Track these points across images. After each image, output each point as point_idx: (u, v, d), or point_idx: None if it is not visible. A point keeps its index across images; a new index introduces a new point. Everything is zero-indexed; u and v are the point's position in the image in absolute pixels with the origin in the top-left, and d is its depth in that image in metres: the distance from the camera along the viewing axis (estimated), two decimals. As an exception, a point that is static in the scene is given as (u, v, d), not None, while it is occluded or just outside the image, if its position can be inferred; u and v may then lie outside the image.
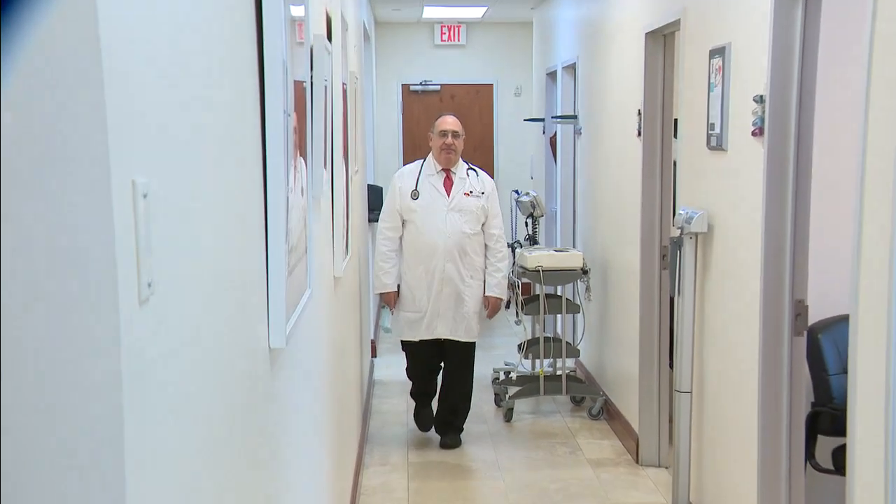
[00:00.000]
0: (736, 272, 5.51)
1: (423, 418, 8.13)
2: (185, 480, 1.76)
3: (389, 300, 7.74)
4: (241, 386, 2.36)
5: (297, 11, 3.23)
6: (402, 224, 7.68)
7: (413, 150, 14.80)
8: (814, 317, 5.20)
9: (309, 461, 3.91)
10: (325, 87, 4.26)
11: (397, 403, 9.24)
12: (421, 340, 7.83)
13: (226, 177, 2.18)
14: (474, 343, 7.90)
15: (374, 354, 10.76)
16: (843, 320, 4.63)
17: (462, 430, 7.87)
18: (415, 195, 7.54)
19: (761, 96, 5.00)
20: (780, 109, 4.92)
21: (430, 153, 7.80)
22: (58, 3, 1.24)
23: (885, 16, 3.73)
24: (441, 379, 8.06)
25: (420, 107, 15.01)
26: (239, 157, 2.35)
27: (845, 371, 4.28)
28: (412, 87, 15.07)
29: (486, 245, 7.71)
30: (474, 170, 7.85)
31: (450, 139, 7.58)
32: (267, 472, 2.77)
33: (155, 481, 1.53)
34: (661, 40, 7.36)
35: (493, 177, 8.24)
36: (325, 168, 4.29)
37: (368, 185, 10.36)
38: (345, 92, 5.91)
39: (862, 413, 4.00)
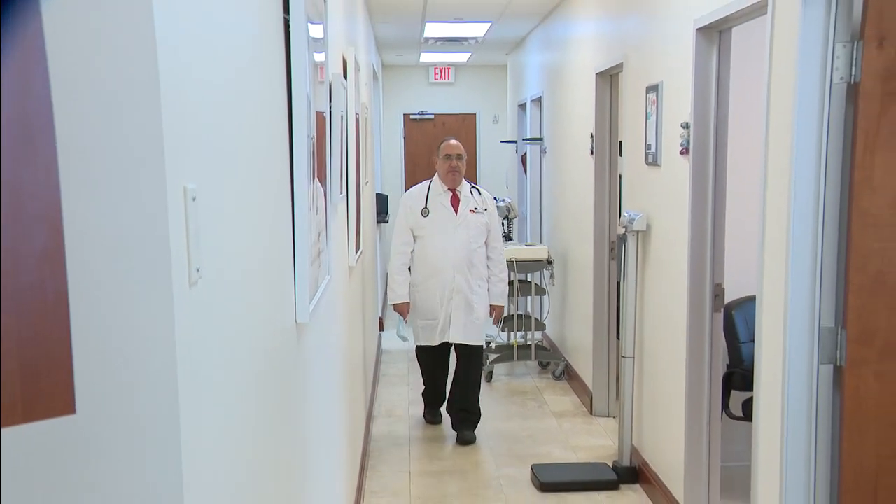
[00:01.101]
0: (668, 262, 5.52)
1: (432, 418, 7.52)
2: (230, 432, 1.76)
3: (403, 310, 7.01)
4: (274, 353, 2.34)
5: (318, 58, 3.25)
6: (413, 239, 6.99)
7: (412, 166, 14.88)
8: (729, 297, 5.21)
9: (329, 414, 3.89)
10: (342, 116, 4.27)
11: (401, 368, 9.27)
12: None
13: (260, 185, 2.17)
14: (482, 346, 7.28)
15: (381, 328, 10.76)
16: (751, 300, 4.66)
17: (476, 425, 7.12)
18: (425, 213, 6.89)
19: (687, 123, 5.01)
20: (701, 133, 4.94)
21: (437, 174, 7.05)
22: (123, 53, 1.26)
23: (778, 60, 3.76)
24: (453, 380, 7.25)
25: (418, 132, 15.06)
26: (270, 170, 2.34)
27: (753, 340, 4.31)
28: (412, 116, 15.08)
29: (488, 257, 7.02)
30: (477, 189, 7.16)
31: (455, 161, 6.94)
32: (297, 424, 2.75)
33: (205, 434, 1.52)
34: (608, 79, 7.41)
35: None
36: (341, 179, 4.31)
37: (377, 194, 10.34)
38: (357, 120, 5.93)
39: (765, 373, 4.04)
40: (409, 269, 7.04)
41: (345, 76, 4.77)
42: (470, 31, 11.12)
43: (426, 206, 6.91)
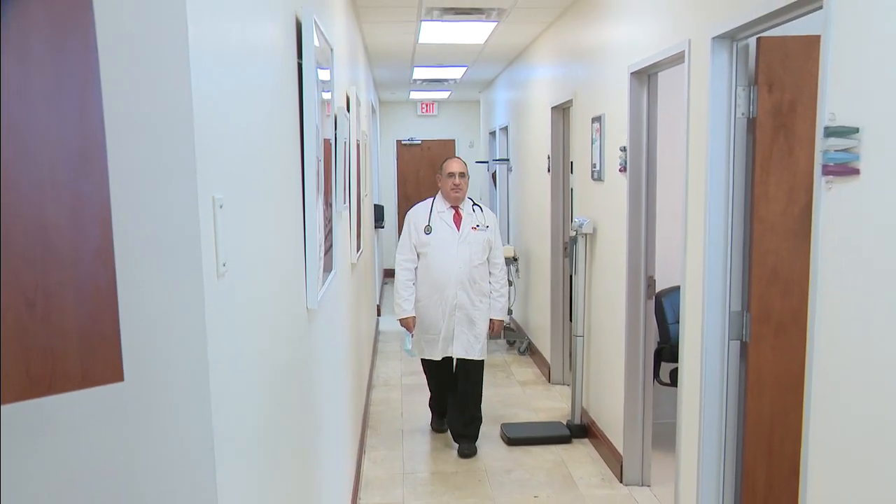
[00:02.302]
0: (610, 258, 5.53)
1: (439, 427, 6.40)
2: (251, 398, 1.75)
3: (408, 324, 5.89)
4: (288, 333, 2.33)
5: (326, 96, 3.25)
6: (418, 256, 5.90)
7: (403, 182, 14.90)
8: (659, 287, 5.23)
9: (336, 382, 3.89)
10: (345, 142, 4.27)
11: (395, 346, 9.22)
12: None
13: (276, 196, 2.16)
14: (483, 360, 6.03)
15: (378, 314, 10.73)
16: (676, 289, 4.69)
17: (476, 438, 6.02)
18: (428, 230, 5.82)
19: (624, 147, 5.02)
20: (636, 155, 4.96)
21: (440, 192, 6.00)
22: (165, 96, 1.27)
23: (694, 98, 3.78)
24: (454, 395, 6.09)
25: (408, 154, 15.05)
26: (285, 185, 2.33)
27: (677, 321, 4.32)
28: (403, 142, 15.04)
29: (489, 272, 5.92)
30: (479, 206, 6.06)
31: (457, 180, 5.88)
32: (309, 393, 2.74)
33: (230, 398, 1.51)
34: (561, 112, 7.40)
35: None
36: (345, 192, 4.31)
37: (375, 205, 10.33)
38: (358, 145, 5.93)
39: (688, 348, 4.06)
40: (415, 284, 5.98)
41: (348, 109, 4.76)
42: (450, 73, 11.12)
43: (429, 224, 5.86)
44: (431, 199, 6.04)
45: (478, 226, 5.87)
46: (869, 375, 2.46)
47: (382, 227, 11.71)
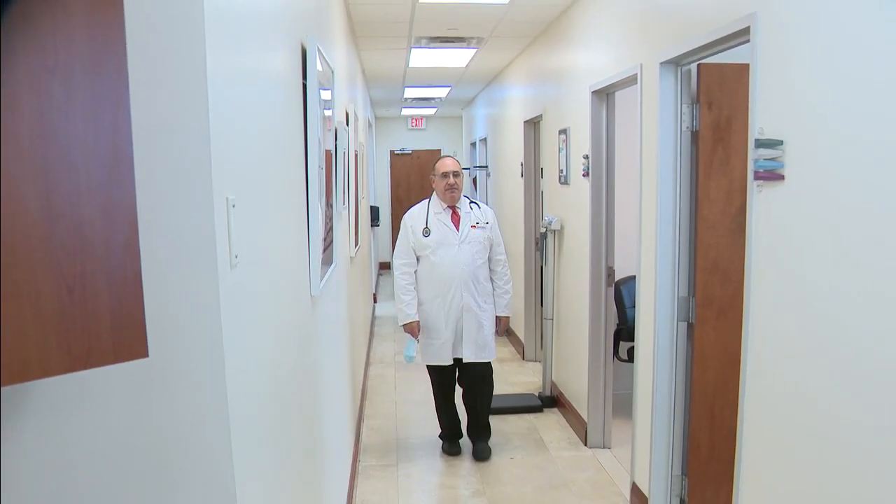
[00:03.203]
0: (575, 251, 5.55)
1: (450, 449, 5.24)
2: (261, 373, 1.75)
3: (413, 330, 5.03)
4: (294, 316, 2.33)
5: (327, 113, 3.25)
6: (417, 259, 5.07)
7: (396, 186, 14.95)
8: (618, 276, 5.25)
9: (337, 363, 3.89)
10: (344, 152, 4.28)
11: (389, 329, 9.21)
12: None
13: (283, 198, 2.16)
14: (491, 362, 5.20)
15: (375, 301, 10.72)
16: (632, 278, 4.70)
17: (489, 436, 5.22)
18: (426, 232, 5.01)
19: (587, 155, 5.04)
20: (597, 162, 4.98)
21: (434, 193, 5.16)
22: (184, 111, 1.28)
23: (646, 114, 3.80)
24: (464, 397, 5.21)
25: (400, 162, 15.07)
26: (291, 189, 2.33)
27: (633, 306, 4.35)
28: (395, 152, 15.04)
29: (492, 270, 5.12)
30: (476, 203, 5.23)
31: (452, 179, 5.06)
32: (312, 371, 2.74)
33: (243, 375, 1.52)
34: (532, 125, 7.41)
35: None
36: (344, 195, 4.31)
37: (371, 206, 10.32)
38: (356, 154, 5.92)
39: (643, 329, 4.08)
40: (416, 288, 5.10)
41: (347, 124, 4.77)
42: (436, 93, 11.13)
43: (427, 226, 5.02)
44: (426, 200, 5.20)
45: (477, 223, 5.09)
46: (793, 351, 2.49)
47: (378, 226, 11.71)
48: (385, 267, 14.77)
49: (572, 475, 4.72)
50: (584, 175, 5.14)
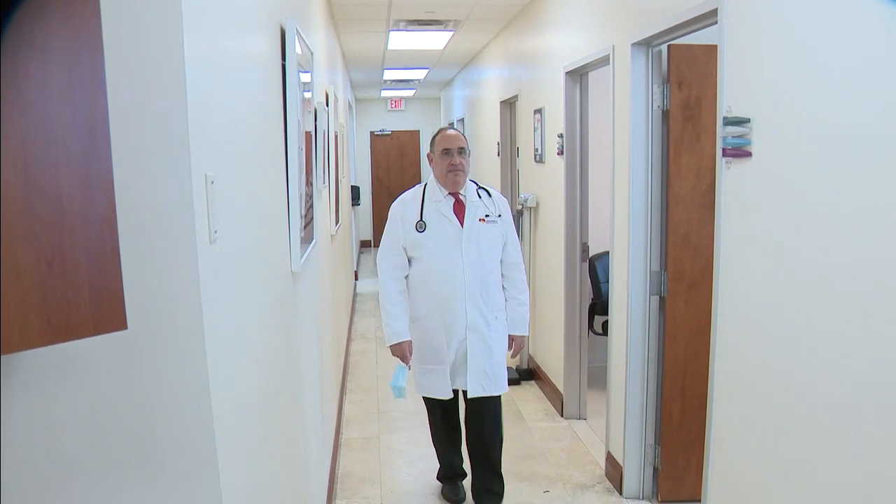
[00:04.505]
0: (551, 227, 5.56)
1: (453, 496, 4.02)
2: (243, 349, 1.74)
3: (404, 352, 3.71)
4: (275, 291, 2.32)
5: (307, 95, 3.23)
6: (409, 262, 3.77)
7: (377, 166, 14.98)
8: (592, 251, 5.28)
9: (319, 337, 3.88)
10: (324, 132, 4.25)
11: (371, 305, 9.20)
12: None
13: (262, 177, 2.15)
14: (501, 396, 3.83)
15: (356, 278, 10.71)
16: (606, 254, 4.72)
17: (502, 496, 3.89)
18: (420, 227, 3.69)
19: (561, 134, 5.05)
20: (571, 141, 4.98)
21: (432, 176, 3.81)
22: (163, 89, 1.27)
23: (618, 94, 3.80)
24: (468, 439, 3.88)
25: (380, 143, 15.06)
26: (271, 168, 2.32)
27: (607, 281, 4.37)
28: (375, 132, 15.02)
29: (503, 276, 3.77)
30: (485, 189, 3.83)
31: (455, 158, 3.69)
32: (294, 345, 2.74)
33: (224, 350, 1.51)
34: (509, 105, 7.40)
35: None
36: (324, 174, 4.29)
37: (351, 186, 10.27)
38: (336, 135, 5.89)
39: (616, 302, 4.10)
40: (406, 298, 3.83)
41: (327, 105, 4.74)
42: (414, 75, 11.08)
43: (422, 219, 3.70)
44: (421, 185, 3.84)
45: (487, 216, 3.71)
46: (761, 322, 2.51)
47: (358, 205, 11.70)
48: (366, 245, 14.77)
49: (549, 445, 4.75)
50: (558, 153, 5.14)
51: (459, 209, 3.72)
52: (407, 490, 4.19)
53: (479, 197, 3.77)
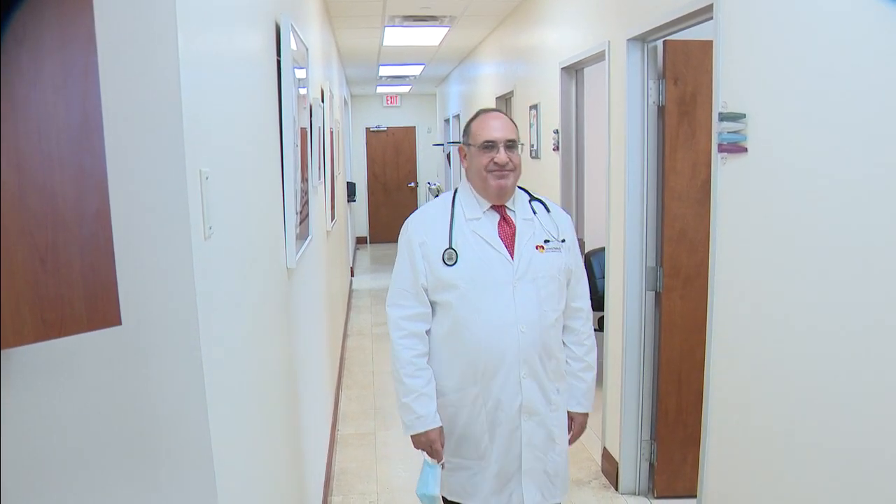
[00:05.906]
0: (546, 225, 5.55)
1: None
2: (239, 344, 1.74)
3: (432, 443, 2.35)
4: (270, 287, 2.31)
5: (302, 91, 3.22)
6: (433, 308, 2.37)
7: (372, 162, 14.96)
8: (588, 247, 5.27)
9: (315, 333, 3.87)
10: (320, 128, 4.24)
11: (366, 301, 9.19)
12: None
13: (257, 173, 2.13)
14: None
15: (352, 275, 10.70)
16: (601, 249, 4.71)
17: None
18: (450, 258, 2.30)
19: (557, 129, 5.04)
20: (566, 137, 4.98)
21: (465, 180, 2.48)
22: (157, 86, 1.26)
23: (614, 89, 3.80)
24: None
25: (375, 139, 15.04)
26: (266, 164, 2.30)
27: (603, 276, 4.37)
28: (371, 129, 15.00)
29: (565, 326, 2.48)
30: (540, 200, 2.54)
31: (502, 154, 2.34)
32: (289, 340, 2.72)
33: (219, 346, 1.50)
34: (504, 101, 7.36)
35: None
36: (320, 170, 4.28)
37: (347, 182, 10.25)
38: (332, 131, 5.86)
39: (612, 298, 4.11)
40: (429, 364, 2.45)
41: (322, 101, 4.73)
42: (410, 71, 11.06)
43: (451, 246, 2.33)
44: (448, 194, 2.51)
45: (547, 241, 2.42)
46: (757, 317, 2.52)
47: (354, 201, 11.70)
48: (362, 241, 14.77)
49: (545, 441, 4.74)
50: (554, 149, 5.14)
51: (507, 231, 2.41)
52: (403, 486, 4.19)
53: (535, 213, 2.49)
